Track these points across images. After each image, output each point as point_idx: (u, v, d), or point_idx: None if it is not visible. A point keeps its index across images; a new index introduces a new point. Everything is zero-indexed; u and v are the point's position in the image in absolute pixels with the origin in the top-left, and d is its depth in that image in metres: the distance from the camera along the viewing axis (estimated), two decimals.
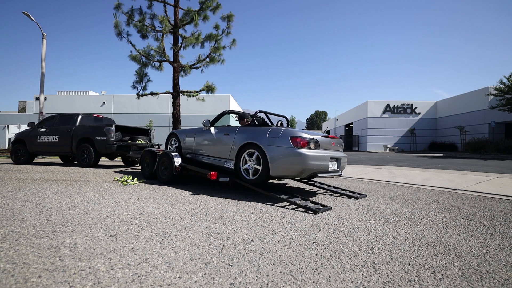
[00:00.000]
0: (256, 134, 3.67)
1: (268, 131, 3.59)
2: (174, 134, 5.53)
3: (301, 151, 3.25)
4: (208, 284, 1.30)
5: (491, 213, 3.03)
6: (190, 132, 5.11)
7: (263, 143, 3.48)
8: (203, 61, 10.90)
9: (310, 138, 3.39)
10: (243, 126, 4.19)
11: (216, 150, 4.36)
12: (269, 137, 3.49)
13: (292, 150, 3.27)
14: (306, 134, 3.41)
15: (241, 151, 3.79)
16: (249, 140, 3.68)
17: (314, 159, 3.32)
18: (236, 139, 3.93)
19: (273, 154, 3.37)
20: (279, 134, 3.45)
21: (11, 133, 29.79)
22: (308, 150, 3.31)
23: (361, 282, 1.38)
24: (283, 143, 3.35)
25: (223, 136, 4.23)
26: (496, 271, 1.57)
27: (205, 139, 4.64)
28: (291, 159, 3.28)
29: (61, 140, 7.74)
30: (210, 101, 24.13)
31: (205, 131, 4.66)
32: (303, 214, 2.75)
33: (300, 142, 3.30)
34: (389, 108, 32.07)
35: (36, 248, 1.67)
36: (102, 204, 2.93)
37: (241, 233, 2.09)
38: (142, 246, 1.75)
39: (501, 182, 5.35)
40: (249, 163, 3.69)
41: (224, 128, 4.42)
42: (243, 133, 3.90)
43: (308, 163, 3.26)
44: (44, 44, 13.04)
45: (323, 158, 3.43)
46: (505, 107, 20.59)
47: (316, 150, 3.43)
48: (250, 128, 3.94)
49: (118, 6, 10.08)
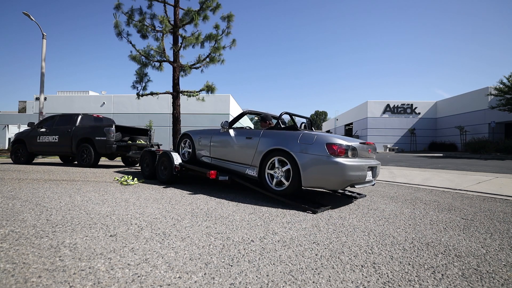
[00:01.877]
0: (284, 139, 3.33)
1: (299, 136, 3.24)
2: (187, 135, 5.02)
3: (339, 160, 2.93)
4: (208, 284, 1.30)
5: (491, 213, 3.03)
6: (206, 133, 4.64)
7: (294, 150, 3.14)
8: (203, 61, 10.90)
9: (347, 145, 3.06)
10: (267, 129, 3.84)
11: (236, 155, 3.96)
12: (301, 143, 3.15)
13: (329, 159, 2.95)
14: (343, 141, 3.09)
15: (266, 158, 3.45)
16: (277, 145, 3.33)
17: (353, 169, 2.99)
18: (260, 144, 3.57)
19: (306, 163, 3.04)
20: (312, 140, 3.11)
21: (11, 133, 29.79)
22: (346, 159, 2.99)
23: (361, 282, 1.38)
24: (318, 151, 3.02)
25: (244, 140, 3.86)
26: (496, 271, 1.57)
27: (224, 142, 4.22)
28: (327, 169, 2.97)
29: (61, 140, 7.74)
30: (210, 101, 24.13)
31: (223, 133, 4.27)
32: (303, 214, 2.75)
33: (338, 150, 2.97)
34: (389, 108, 32.08)
35: (36, 248, 1.67)
36: (102, 204, 2.93)
37: (241, 233, 2.09)
38: (142, 246, 1.75)
39: (501, 182, 5.35)
40: (276, 172, 3.34)
41: (245, 131, 4.06)
42: (268, 138, 3.54)
43: (347, 174, 2.94)
44: (44, 44, 13.04)
45: (361, 168, 3.11)
46: (505, 107, 20.60)
47: (354, 159, 3.11)
48: (276, 132, 3.57)
49: (118, 6, 10.08)
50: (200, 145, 4.65)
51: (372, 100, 32.73)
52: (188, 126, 23.96)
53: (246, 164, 3.77)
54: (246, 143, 3.81)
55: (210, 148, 4.42)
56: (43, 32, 13.05)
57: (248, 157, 3.73)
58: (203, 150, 4.58)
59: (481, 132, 24.79)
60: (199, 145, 4.66)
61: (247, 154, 3.75)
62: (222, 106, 25.65)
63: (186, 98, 11.83)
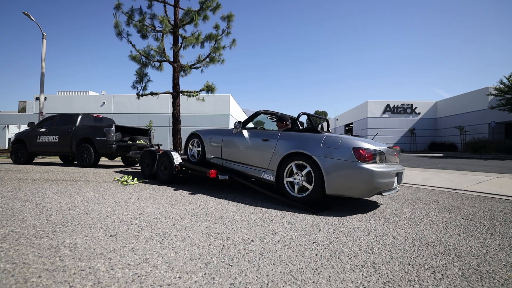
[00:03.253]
0: (306, 142, 3.11)
1: (322, 139, 3.02)
2: (196, 134, 4.77)
3: (367, 166, 2.74)
4: (208, 284, 1.30)
5: (491, 213, 3.03)
6: (217, 133, 4.40)
7: (317, 154, 2.93)
8: (203, 61, 10.90)
9: (375, 150, 2.87)
10: (284, 130, 3.61)
11: (251, 158, 3.73)
12: (324, 147, 2.94)
13: (356, 165, 2.75)
14: (371, 145, 2.90)
15: (285, 161, 3.23)
16: (297, 149, 3.11)
17: (382, 176, 2.80)
18: (278, 147, 3.35)
19: (330, 169, 2.84)
20: (337, 144, 2.91)
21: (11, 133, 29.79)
22: (375, 165, 2.81)
23: (361, 282, 1.38)
24: (344, 156, 2.82)
25: (260, 142, 3.63)
26: (496, 271, 1.57)
27: (237, 144, 3.99)
28: (354, 175, 2.76)
29: (61, 140, 7.74)
30: (210, 101, 24.14)
31: (236, 134, 4.04)
32: (303, 214, 2.75)
33: (366, 155, 2.78)
34: (389, 108, 32.09)
35: (36, 248, 1.67)
36: (102, 204, 2.93)
37: (241, 233, 2.09)
38: (142, 246, 1.75)
39: (501, 182, 5.35)
40: (296, 177, 3.11)
41: (261, 132, 3.80)
42: (287, 140, 3.31)
43: (376, 181, 2.74)
44: (44, 44, 13.04)
45: (390, 174, 2.91)
46: (505, 107, 20.62)
47: (382, 165, 2.92)
48: (296, 134, 3.34)
49: (118, 6, 10.09)
50: (210, 145, 4.43)
51: (372, 100, 32.73)
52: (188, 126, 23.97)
53: (261, 167, 3.56)
54: (262, 145, 3.59)
55: (221, 149, 4.21)
56: (43, 32, 13.05)
57: (264, 160, 3.51)
58: (213, 151, 4.37)
59: (481, 132, 24.80)
60: (209, 145, 4.44)
61: (263, 157, 3.53)
62: (222, 106, 25.65)
63: (186, 98, 11.84)
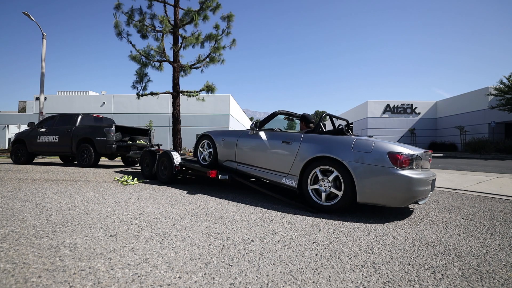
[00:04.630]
0: (333, 146, 2.87)
1: (352, 142, 2.80)
2: (207, 136, 4.49)
3: (405, 173, 2.52)
4: (208, 284, 1.30)
5: (491, 213, 3.03)
6: (231, 135, 4.13)
7: (347, 159, 2.71)
8: (203, 61, 10.91)
9: (411, 154, 2.63)
10: (308, 132, 3.37)
11: (269, 161, 3.47)
12: (355, 151, 2.72)
13: (392, 171, 2.53)
14: (406, 149, 2.66)
15: (309, 166, 3.00)
16: (323, 153, 2.88)
17: (421, 183, 2.58)
18: (301, 150, 3.11)
19: (363, 175, 2.62)
20: (370, 147, 2.69)
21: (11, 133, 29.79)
22: (412, 172, 2.59)
23: (361, 282, 1.38)
24: (378, 161, 2.60)
25: (280, 144, 3.36)
26: (496, 271, 1.57)
27: (253, 146, 3.72)
28: (390, 183, 2.54)
29: (61, 140, 7.74)
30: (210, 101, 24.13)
31: (252, 136, 3.78)
32: (303, 214, 2.75)
33: (403, 160, 2.55)
34: (389, 108, 32.08)
35: (36, 248, 1.67)
36: (102, 204, 2.93)
37: (241, 233, 2.09)
38: (142, 246, 1.75)
39: (501, 182, 5.35)
40: (323, 183, 2.88)
41: (281, 134, 3.52)
42: (312, 143, 3.07)
43: (415, 189, 2.53)
44: (44, 44, 13.04)
45: (427, 181, 2.69)
46: (505, 107, 20.62)
47: (418, 171, 2.70)
48: (321, 137, 3.09)
49: (118, 6, 10.09)
50: (223, 148, 4.15)
51: (372, 100, 32.73)
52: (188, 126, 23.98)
53: (282, 172, 3.31)
54: (283, 148, 3.33)
55: (235, 151, 3.94)
56: (43, 32, 13.05)
57: (285, 165, 3.26)
58: (226, 153, 4.10)
59: (481, 132, 24.79)
60: (222, 148, 4.16)
61: (284, 161, 3.27)
62: (222, 106, 25.65)
63: (186, 98, 11.84)
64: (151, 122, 24.52)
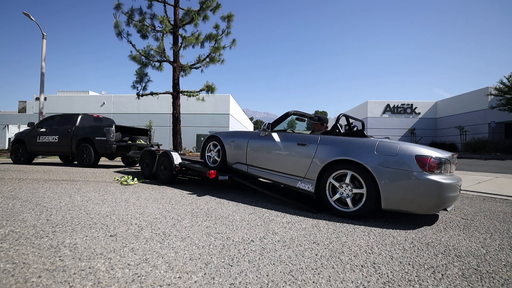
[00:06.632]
0: (354, 148, 2.71)
1: (375, 144, 2.62)
2: (215, 137, 4.32)
3: (435, 178, 2.36)
4: (208, 284, 1.30)
5: (491, 213, 3.03)
6: (241, 136, 3.96)
7: (370, 163, 2.54)
8: (203, 61, 10.91)
9: (440, 158, 2.46)
10: (322, 133, 3.24)
11: (283, 164, 3.31)
12: (379, 154, 2.54)
13: (421, 176, 2.36)
14: (434, 152, 2.50)
15: (327, 170, 2.84)
16: (344, 156, 2.71)
17: (451, 189, 2.41)
18: (319, 153, 2.93)
19: (388, 180, 2.46)
20: (395, 150, 2.51)
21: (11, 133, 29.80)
22: (441, 176, 2.42)
23: (361, 282, 1.38)
24: (405, 165, 2.43)
25: (296, 147, 3.20)
26: (496, 271, 1.57)
27: (265, 148, 3.55)
28: (419, 188, 2.37)
29: (61, 140, 7.74)
30: (210, 101, 24.14)
31: (263, 137, 3.63)
32: (303, 214, 2.75)
33: (432, 164, 2.38)
34: (389, 108, 32.08)
35: (36, 248, 1.67)
36: (102, 204, 2.93)
37: (241, 233, 2.09)
38: (142, 246, 1.75)
39: (501, 182, 5.35)
40: (343, 188, 2.72)
41: (296, 135, 3.36)
42: (330, 145, 2.90)
43: (446, 195, 2.38)
44: (44, 44, 13.04)
45: (456, 187, 2.52)
46: (505, 107, 20.63)
47: (447, 176, 2.53)
48: (341, 139, 2.91)
49: (118, 6, 10.09)
50: (232, 150, 3.99)
51: (372, 100, 32.74)
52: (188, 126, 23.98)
53: (297, 176, 3.15)
54: (298, 150, 3.16)
55: (246, 154, 3.78)
56: (43, 32, 13.05)
57: (300, 168, 3.10)
58: (236, 156, 3.94)
59: (481, 132, 24.79)
60: (232, 150, 4.00)
61: (300, 164, 3.11)
62: (222, 106, 25.65)
63: (186, 98, 11.85)
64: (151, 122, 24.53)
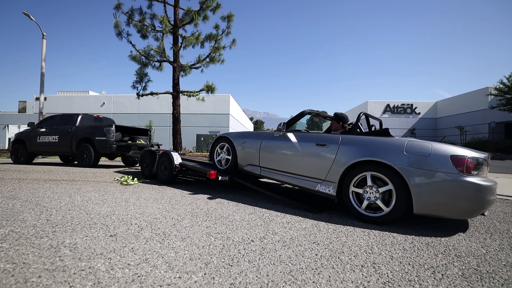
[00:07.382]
0: (381, 148, 2.53)
1: (404, 144, 2.45)
2: (225, 138, 4.16)
3: (473, 180, 2.17)
4: (208, 284, 1.30)
5: (491, 213, 3.03)
6: (253, 137, 3.80)
7: (399, 163, 2.37)
8: (203, 61, 10.91)
9: (477, 158, 2.28)
10: (341, 133, 3.14)
11: (301, 166, 3.13)
12: (410, 155, 2.37)
13: (458, 178, 2.18)
14: (470, 152, 2.31)
15: (350, 172, 2.67)
16: (369, 156, 2.53)
17: (490, 192, 2.22)
18: (340, 154, 2.76)
19: (420, 182, 2.28)
20: (428, 150, 2.34)
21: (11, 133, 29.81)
22: (480, 178, 2.23)
23: (361, 282, 1.38)
24: (440, 166, 2.25)
25: (314, 148, 3.02)
26: (496, 271, 1.57)
27: (280, 149, 3.37)
28: (456, 191, 2.19)
29: (61, 140, 7.75)
30: (210, 101, 24.15)
31: (278, 137, 3.46)
32: (303, 214, 2.75)
33: (470, 165, 2.20)
34: (389, 108, 32.11)
35: (36, 248, 1.67)
36: (102, 204, 2.93)
37: (241, 233, 2.09)
38: (142, 246, 1.75)
39: (501, 182, 5.35)
40: (368, 192, 2.54)
41: (315, 135, 3.19)
42: (353, 145, 2.72)
43: (486, 199, 2.19)
44: (44, 44, 13.04)
45: (494, 190, 2.31)
46: (505, 107, 20.65)
47: (484, 177, 2.34)
48: (364, 139, 2.74)
49: (118, 6, 10.10)
50: (244, 151, 3.83)
51: (372, 100, 32.76)
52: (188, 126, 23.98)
53: (316, 178, 2.97)
54: (318, 151, 2.98)
55: (259, 155, 3.61)
56: (43, 32, 13.05)
57: (320, 170, 2.93)
58: (248, 157, 3.77)
59: (481, 132, 24.81)
60: (243, 151, 3.84)
61: (319, 165, 2.94)
62: (222, 106, 25.66)
63: (186, 98, 11.85)
64: (151, 122, 24.53)
